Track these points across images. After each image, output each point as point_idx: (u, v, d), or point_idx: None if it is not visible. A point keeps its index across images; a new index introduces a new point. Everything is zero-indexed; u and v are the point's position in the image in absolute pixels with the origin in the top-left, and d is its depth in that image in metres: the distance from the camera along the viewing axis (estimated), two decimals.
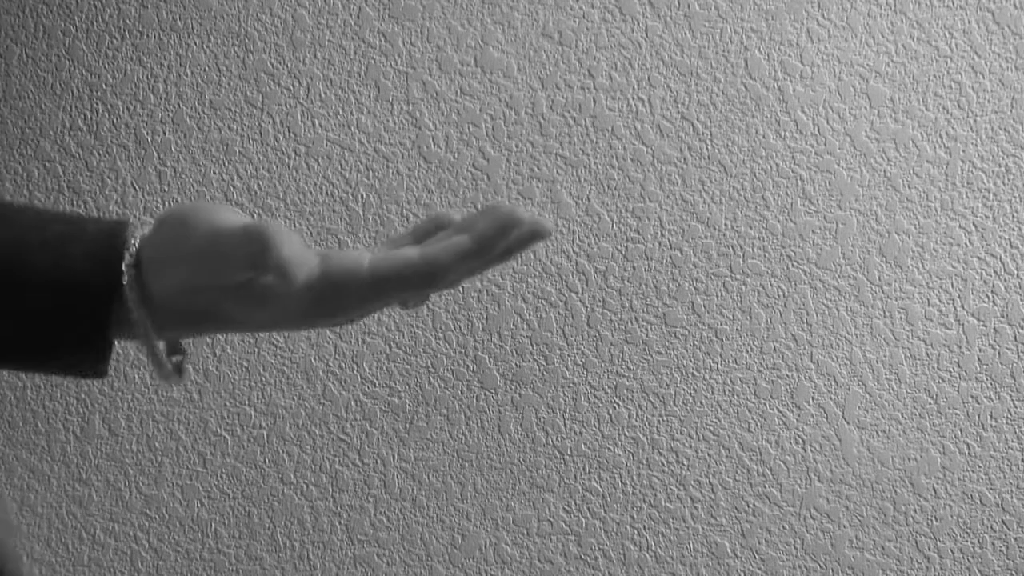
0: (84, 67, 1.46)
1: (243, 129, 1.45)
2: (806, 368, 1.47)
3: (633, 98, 1.46)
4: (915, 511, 1.49)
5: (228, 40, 1.45)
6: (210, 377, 1.47)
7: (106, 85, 1.45)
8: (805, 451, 1.48)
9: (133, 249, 0.66)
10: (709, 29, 1.46)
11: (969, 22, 1.46)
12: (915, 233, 1.47)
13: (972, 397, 1.48)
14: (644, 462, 1.48)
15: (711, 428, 1.48)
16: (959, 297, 1.47)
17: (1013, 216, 1.47)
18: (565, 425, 1.47)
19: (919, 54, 1.46)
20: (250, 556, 1.49)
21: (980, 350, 1.48)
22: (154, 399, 1.47)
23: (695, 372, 1.47)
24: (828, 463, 1.48)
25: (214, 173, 1.44)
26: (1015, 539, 1.49)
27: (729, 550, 1.49)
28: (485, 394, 1.47)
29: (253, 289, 0.67)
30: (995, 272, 1.47)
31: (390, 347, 1.45)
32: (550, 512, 1.48)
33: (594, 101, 1.46)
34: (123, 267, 0.64)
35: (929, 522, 1.49)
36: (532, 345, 1.47)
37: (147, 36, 1.45)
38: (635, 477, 1.48)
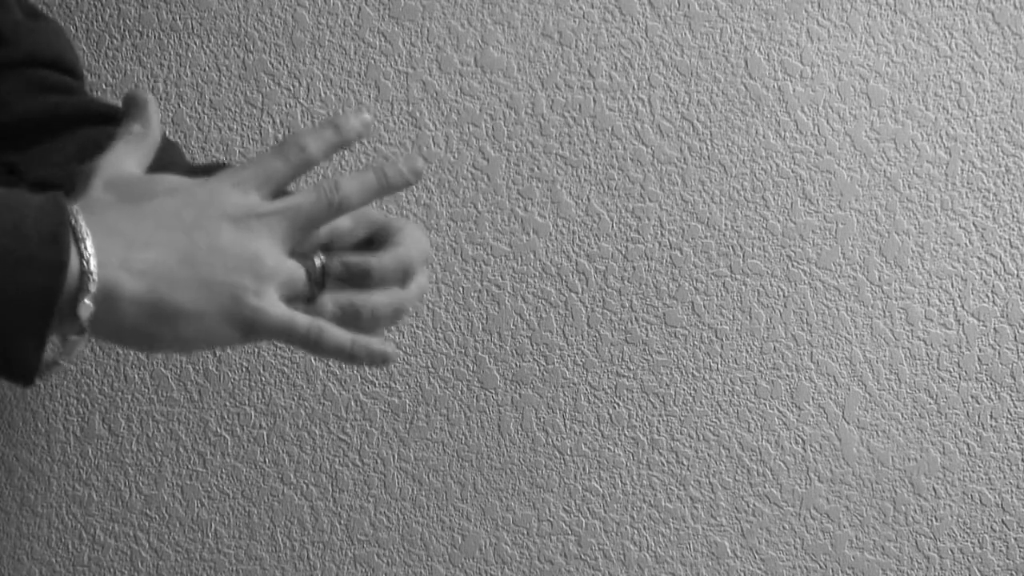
0: (84, 67, 1.46)
1: (243, 129, 1.45)
2: (806, 368, 1.47)
3: (633, 98, 1.46)
4: (915, 511, 1.49)
5: (228, 40, 1.45)
6: (210, 377, 1.47)
7: (106, 85, 1.45)
8: (805, 451, 1.48)
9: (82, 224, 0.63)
10: (709, 29, 1.46)
11: (969, 22, 1.46)
12: (915, 233, 1.47)
13: (972, 397, 1.48)
14: (644, 462, 1.48)
15: (711, 428, 1.48)
16: (959, 297, 1.47)
17: (1013, 216, 1.47)
18: (565, 425, 1.47)
19: (919, 54, 1.46)
20: (250, 556, 1.49)
21: (980, 350, 1.48)
22: (154, 399, 1.47)
23: (695, 372, 1.47)
24: (828, 463, 1.48)
25: None
26: (1015, 539, 1.49)
27: (729, 550, 1.49)
28: (485, 394, 1.47)
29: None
30: (995, 272, 1.47)
31: None
32: (550, 512, 1.48)
33: (594, 101, 1.46)
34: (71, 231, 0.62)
35: (929, 522, 1.49)
36: (532, 345, 1.47)
37: (147, 36, 1.45)
38: (635, 477, 1.48)
